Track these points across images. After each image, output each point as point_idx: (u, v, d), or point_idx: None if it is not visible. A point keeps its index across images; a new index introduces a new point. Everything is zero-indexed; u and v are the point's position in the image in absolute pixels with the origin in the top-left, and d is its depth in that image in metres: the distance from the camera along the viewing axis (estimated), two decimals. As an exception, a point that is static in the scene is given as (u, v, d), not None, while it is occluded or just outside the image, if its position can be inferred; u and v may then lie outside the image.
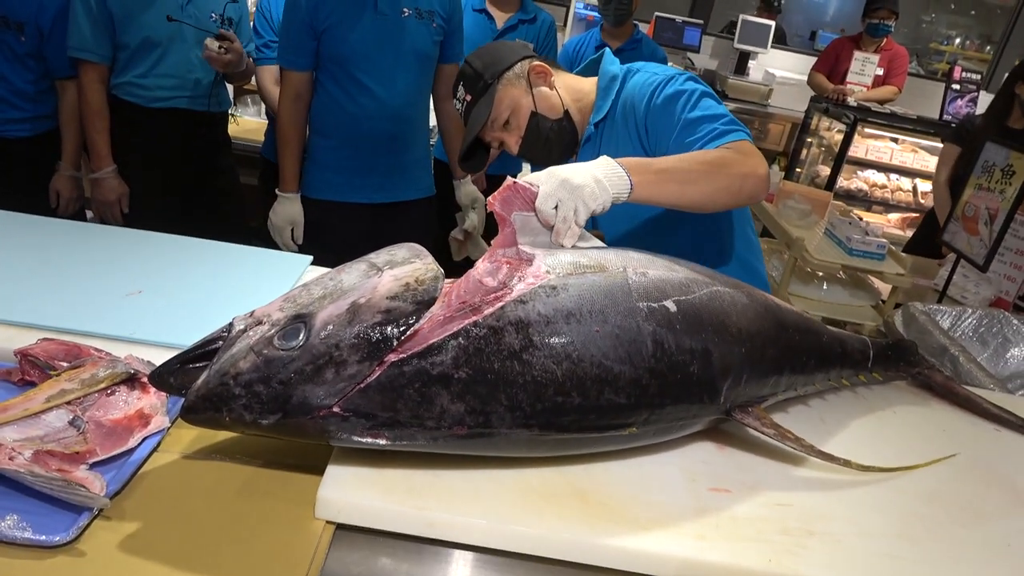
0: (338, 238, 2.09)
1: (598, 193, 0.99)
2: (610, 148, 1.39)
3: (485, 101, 1.37)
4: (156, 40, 2.14)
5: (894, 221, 4.53)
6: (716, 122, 1.21)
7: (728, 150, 1.16)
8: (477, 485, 0.88)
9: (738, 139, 1.18)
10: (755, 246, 1.52)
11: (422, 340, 0.84)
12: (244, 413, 0.81)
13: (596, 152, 1.39)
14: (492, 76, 1.37)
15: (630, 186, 1.03)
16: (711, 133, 1.19)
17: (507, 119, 1.39)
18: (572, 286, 0.91)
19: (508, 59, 1.40)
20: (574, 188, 0.98)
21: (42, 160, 2.22)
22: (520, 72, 1.39)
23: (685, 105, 1.25)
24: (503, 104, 1.38)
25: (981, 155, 2.42)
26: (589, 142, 1.43)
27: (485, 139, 1.43)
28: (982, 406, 1.33)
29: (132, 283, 1.31)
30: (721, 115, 1.22)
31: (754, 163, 1.15)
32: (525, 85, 1.39)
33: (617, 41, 3.18)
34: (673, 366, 0.93)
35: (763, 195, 1.17)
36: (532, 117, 1.38)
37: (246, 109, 3.58)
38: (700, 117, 1.22)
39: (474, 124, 1.39)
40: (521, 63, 1.40)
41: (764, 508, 0.94)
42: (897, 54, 4.58)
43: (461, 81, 1.41)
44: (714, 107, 1.25)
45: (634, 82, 1.36)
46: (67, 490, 0.77)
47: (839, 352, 1.21)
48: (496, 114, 1.38)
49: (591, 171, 1.01)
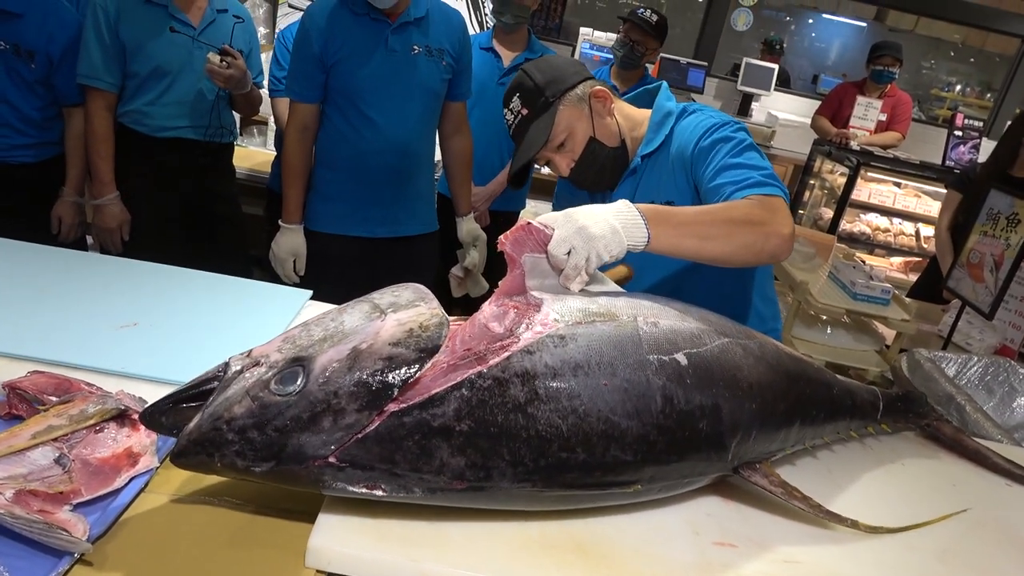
0: (339, 271, 2.08)
1: (612, 245, 0.98)
2: (651, 183, 1.37)
3: (545, 120, 1.34)
4: (166, 69, 2.15)
5: (896, 265, 4.52)
6: (755, 172, 1.18)
7: (755, 204, 1.12)
8: (473, 535, 0.86)
9: (771, 193, 1.14)
10: (773, 302, 1.50)
11: (424, 390, 0.81)
12: (236, 460, 0.79)
13: (636, 185, 1.38)
14: (554, 94, 1.34)
15: (647, 238, 1.01)
16: (746, 181, 1.16)
17: (563, 141, 1.36)
18: (581, 336, 0.89)
19: (571, 78, 1.36)
20: (590, 237, 0.96)
21: (46, 186, 2.21)
22: (582, 94, 1.36)
23: (730, 151, 1.23)
24: (561, 125, 1.34)
25: (986, 202, 2.42)
26: (633, 174, 1.41)
27: (535, 157, 1.39)
28: (992, 459, 1.30)
29: (126, 315, 1.29)
30: (761, 167, 1.20)
31: (780, 222, 1.11)
32: (585, 108, 1.35)
33: (626, 84, 3.21)
34: (682, 422, 0.90)
35: (785, 255, 1.13)
36: (590, 143, 1.36)
37: (252, 140, 3.60)
38: (739, 164, 1.20)
39: (532, 143, 1.35)
40: (583, 84, 1.37)
41: (771, 565, 0.91)
42: (901, 100, 4.62)
43: (517, 92, 1.36)
44: (756, 159, 1.22)
45: (688, 122, 1.33)
46: (48, 534, 0.74)
47: (849, 404, 1.19)
48: (553, 134, 1.34)
49: (609, 219, 0.99)
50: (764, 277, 1.47)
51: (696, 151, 1.27)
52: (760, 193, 1.14)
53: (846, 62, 8.36)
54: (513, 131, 1.40)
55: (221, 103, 2.29)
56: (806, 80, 7.68)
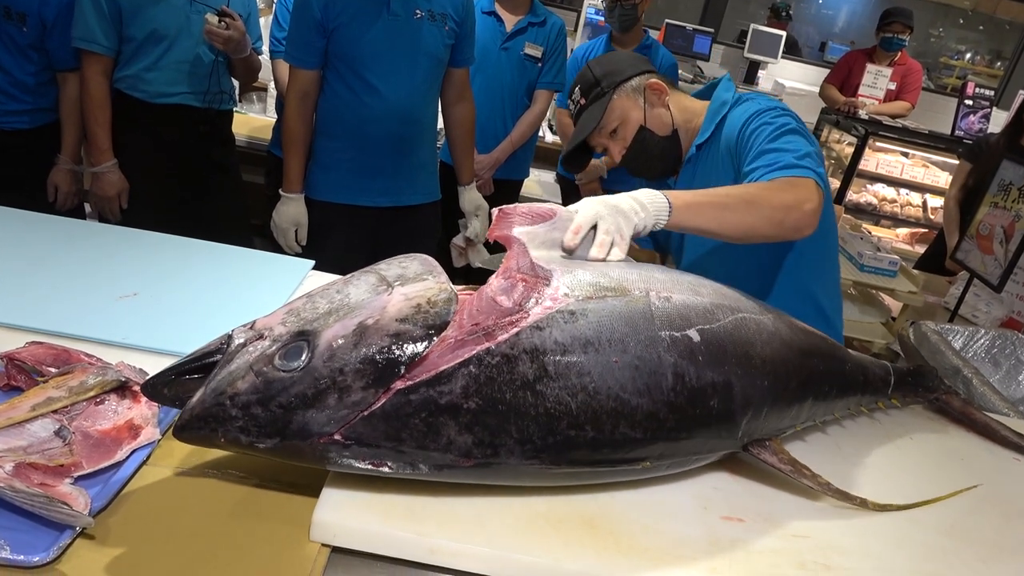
0: (341, 241, 2.05)
1: (639, 209, 1.02)
2: (706, 170, 1.41)
3: (598, 107, 1.41)
4: (163, 33, 2.10)
5: (903, 236, 4.48)
6: (788, 155, 1.19)
7: (779, 181, 1.14)
8: (480, 510, 0.85)
9: (800, 175, 1.15)
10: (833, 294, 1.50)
11: (431, 367, 0.80)
12: (240, 435, 0.78)
13: (693, 172, 1.44)
14: (610, 85, 1.42)
15: (669, 208, 1.04)
16: (776, 164, 1.18)
17: (615, 128, 1.43)
18: (592, 311, 0.87)
19: (628, 71, 1.43)
20: (616, 208, 1.01)
21: (41, 153, 2.18)
22: (637, 86, 1.43)
23: (768, 136, 1.25)
24: (614, 113, 1.42)
25: (998, 173, 2.38)
26: (689, 163, 1.46)
27: (591, 143, 1.47)
28: (1000, 433, 1.30)
29: (127, 285, 1.27)
30: (796, 150, 1.20)
31: (804, 195, 1.12)
32: (639, 99, 1.43)
33: (626, 47, 3.14)
34: (693, 400, 0.89)
35: (809, 230, 1.14)
36: (640, 131, 1.42)
37: (251, 106, 3.55)
38: (775, 148, 1.22)
39: (583, 128, 1.43)
40: (640, 77, 1.44)
41: (779, 540, 0.91)
42: (911, 69, 4.53)
43: (579, 85, 1.45)
44: (794, 143, 1.22)
45: (738, 111, 1.37)
46: (48, 507, 0.73)
47: (861, 380, 1.18)
48: (606, 122, 1.42)
49: (631, 195, 1.04)
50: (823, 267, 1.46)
51: (740, 139, 1.31)
52: (789, 174, 1.15)
53: (854, 29, 8.21)
54: (574, 120, 1.48)
55: (220, 68, 2.25)
56: (813, 47, 7.55)
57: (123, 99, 2.14)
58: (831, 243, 1.47)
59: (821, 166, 1.21)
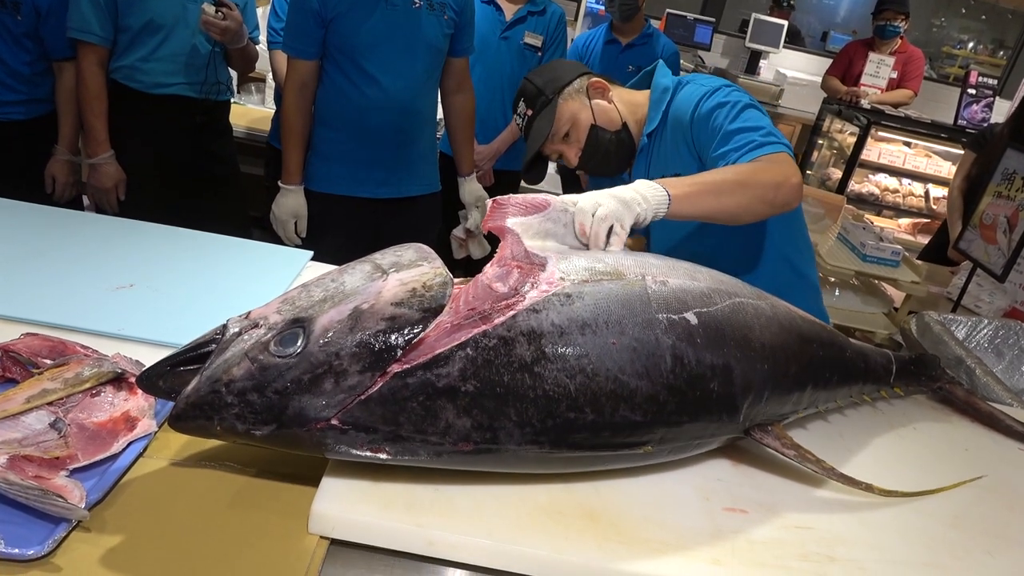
0: (340, 233, 2.04)
1: (641, 201, 1.03)
2: (660, 159, 1.42)
3: (546, 115, 1.43)
4: (160, 23, 2.08)
5: (905, 226, 4.47)
6: (755, 134, 1.22)
7: (762, 162, 1.18)
8: (480, 501, 0.84)
9: (775, 151, 1.20)
10: (804, 249, 1.52)
11: (428, 350, 0.79)
12: (236, 423, 0.77)
13: (647, 161, 1.46)
14: (552, 91, 1.43)
15: (668, 199, 1.06)
16: (748, 145, 1.21)
17: (567, 132, 1.44)
18: (588, 294, 0.87)
19: (567, 76, 1.46)
20: (615, 196, 1.02)
21: (38, 144, 2.16)
22: (579, 87, 1.45)
23: (727, 116, 1.27)
24: (563, 118, 1.43)
25: (1001, 162, 2.36)
26: (642, 153, 1.46)
27: (545, 152, 1.48)
28: (1005, 423, 1.29)
29: (123, 276, 1.26)
30: (760, 127, 1.24)
31: (787, 171, 1.17)
32: (584, 99, 1.44)
33: (627, 37, 3.12)
34: (692, 383, 0.88)
35: (796, 203, 1.20)
36: (592, 130, 1.43)
37: (249, 97, 3.52)
38: (739, 128, 1.24)
39: (536, 138, 1.44)
40: (580, 79, 1.46)
41: (782, 531, 0.90)
42: (912, 56, 4.50)
43: (522, 97, 1.47)
44: (756, 118, 1.26)
45: (683, 94, 1.39)
46: (43, 500, 0.72)
47: (862, 368, 1.17)
48: (557, 127, 1.43)
49: (632, 187, 1.05)
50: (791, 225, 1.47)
51: (694, 120, 1.32)
52: (764, 153, 1.19)
53: (856, 19, 8.16)
54: (523, 132, 1.49)
55: (216, 59, 2.23)
56: (815, 37, 7.51)
57: (120, 90, 2.13)
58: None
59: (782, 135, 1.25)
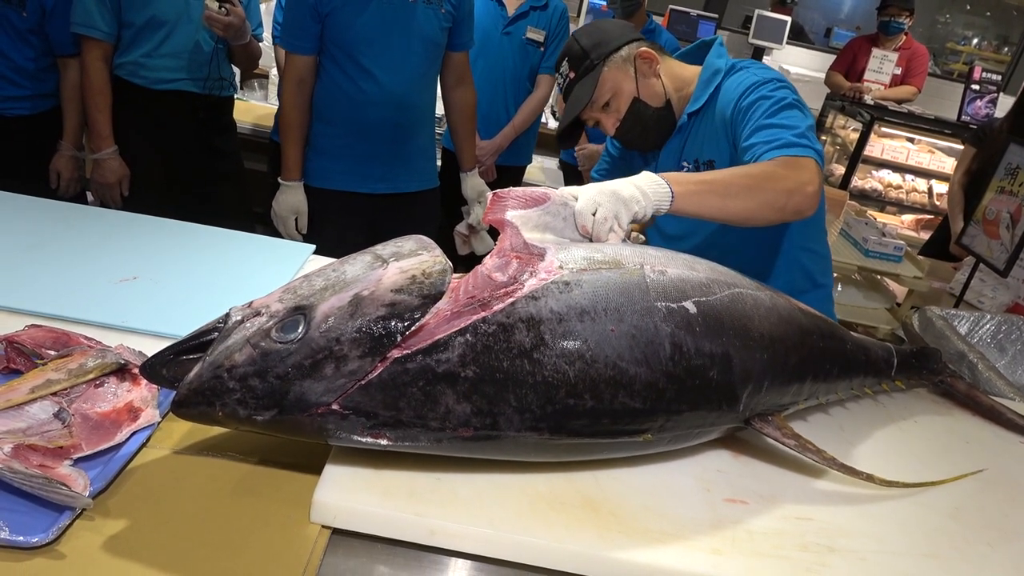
0: (339, 229, 2.04)
1: (639, 197, 1.01)
2: (697, 141, 1.38)
3: (589, 81, 1.37)
4: (163, 19, 2.09)
5: (908, 222, 4.46)
6: (788, 132, 1.17)
7: (779, 163, 1.13)
8: (481, 491, 0.84)
9: (801, 155, 1.14)
10: (822, 258, 1.49)
11: (428, 336, 0.80)
12: (238, 408, 0.77)
13: (683, 142, 1.41)
14: (599, 57, 1.38)
15: (671, 196, 1.03)
16: (776, 141, 1.16)
17: (607, 101, 1.39)
18: (586, 282, 0.87)
19: (616, 41, 1.39)
20: (616, 196, 0.99)
21: (43, 139, 2.17)
22: (627, 56, 1.39)
23: (767, 110, 1.23)
24: (606, 86, 1.38)
25: (1004, 157, 2.35)
26: (679, 132, 1.42)
27: (583, 117, 1.43)
28: (1006, 416, 1.29)
29: (126, 269, 1.26)
30: (795, 127, 1.18)
31: (804, 178, 1.11)
32: (630, 69, 1.39)
33: (630, 32, 3.11)
34: (691, 371, 0.89)
35: (810, 212, 1.14)
36: (634, 103, 1.39)
37: (252, 94, 3.53)
38: (773, 124, 1.20)
39: (575, 104, 1.39)
40: (629, 46, 1.39)
41: (782, 522, 0.90)
42: (916, 52, 4.49)
43: (566, 57, 1.41)
44: (795, 118, 1.21)
45: (733, 80, 1.34)
46: (47, 488, 0.73)
47: (863, 360, 1.17)
48: (598, 95, 1.38)
49: (632, 182, 1.02)
50: (808, 231, 1.45)
51: (735, 110, 1.28)
52: (789, 154, 1.14)
53: (860, 14, 8.13)
54: (563, 94, 1.44)
55: (219, 55, 2.24)
56: (819, 33, 7.49)
57: (123, 85, 2.14)
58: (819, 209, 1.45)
59: (817, 140, 1.20)
